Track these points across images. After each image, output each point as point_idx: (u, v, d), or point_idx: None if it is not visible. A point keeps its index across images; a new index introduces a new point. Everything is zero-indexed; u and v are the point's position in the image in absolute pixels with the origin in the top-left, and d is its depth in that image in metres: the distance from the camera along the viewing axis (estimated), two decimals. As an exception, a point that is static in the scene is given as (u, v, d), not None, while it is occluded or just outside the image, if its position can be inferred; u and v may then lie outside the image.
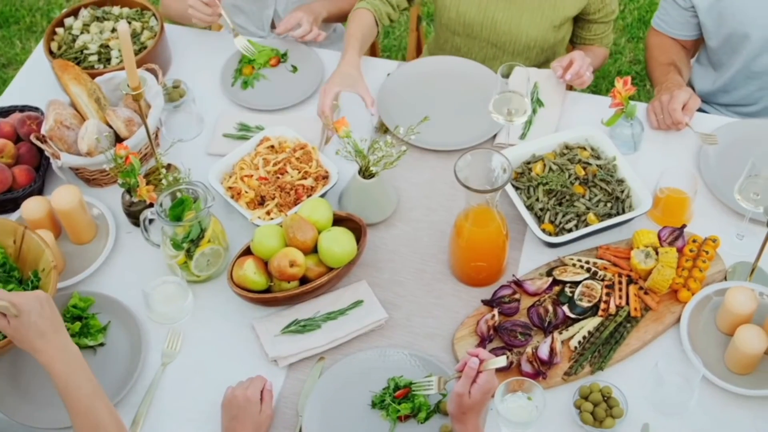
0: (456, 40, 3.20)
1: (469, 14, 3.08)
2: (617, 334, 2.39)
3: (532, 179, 2.63)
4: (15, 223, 2.47)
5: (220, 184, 2.65)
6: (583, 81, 2.88)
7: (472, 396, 2.05)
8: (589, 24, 3.16)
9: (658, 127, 2.85)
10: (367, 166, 2.53)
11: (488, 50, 3.17)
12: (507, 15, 3.04)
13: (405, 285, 2.53)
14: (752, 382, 2.32)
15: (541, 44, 3.10)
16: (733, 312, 2.34)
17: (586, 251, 2.57)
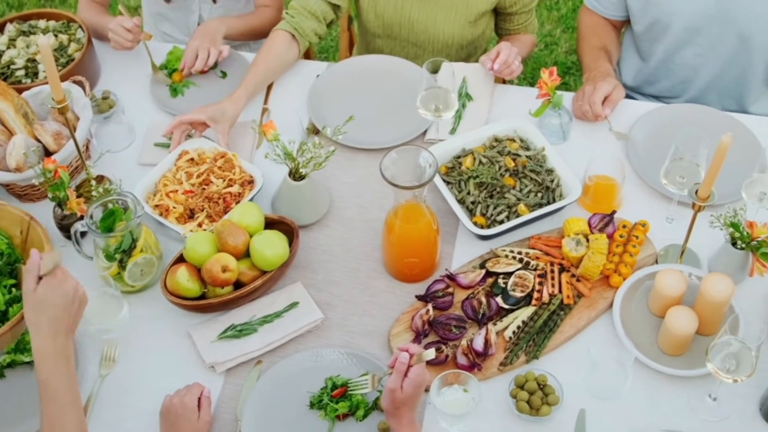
0: (378, 42, 3.22)
1: (386, 15, 3.10)
2: (551, 322, 2.41)
3: (462, 173, 2.65)
4: (22, 213, 2.46)
5: (146, 203, 2.64)
6: (512, 71, 2.90)
7: (404, 391, 2.06)
8: (511, 16, 3.19)
9: (580, 117, 2.87)
10: (297, 168, 2.54)
11: (409, 50, 3.19)
12: (423, 14, 3.07)
13: (340, 284, 2.54)
14: (685, 363, 2.35)
15: (458, 41, 3.12)
16: (664, 294, 2.37)
17: (519, 242, 2.59)
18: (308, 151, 2.52)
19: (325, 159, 2.52)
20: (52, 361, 2.02)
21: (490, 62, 2.89)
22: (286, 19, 3.03)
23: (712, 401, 2.29)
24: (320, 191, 2.65)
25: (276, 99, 2.98)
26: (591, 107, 2.82)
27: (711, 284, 2.32)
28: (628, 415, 2.28)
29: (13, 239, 2.48)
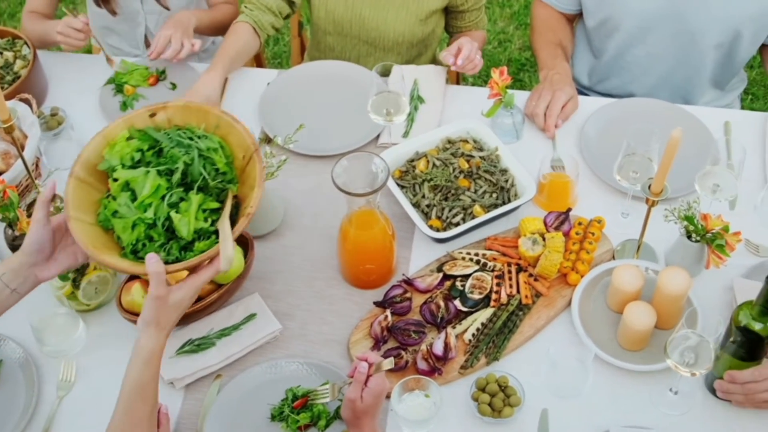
0: (329, 40, 3.21)
1: (337, 12, 3.10)
2: (510, 323, 2.40)
3: (416, 176, 2.64)
4: (250, 141, 2.12)
5: None
6: (475, 65, 2.90)
7: (364, 401, 2.05)
8: (462, 14, 3.19)
9: (530, 117, 2.88)
10: None
11: (360, 48, 3.18)
12: (374, 11, 3.06)
13: (297, 294, 2.52)
14: (645, 358, 2.35)
15: (409, 39, 3.11)
16: (621, 290, 2.38)
17: (475, 243, 2.58)
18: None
19: (277, 168, 2.50)
20: (157, 364, 1.98)
21: (453, 58, 2.87)
22: (245, 12, 3.05)
23: (673, 395, 2.29)
24: (274, 201, 2.63)
25: (227, 108, 2.95)
26: (546, 118, 2.85)
27: (667, 278, 2.32)
28: (590, 413, 2.28)
29: (236, 161, 2.15)
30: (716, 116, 2.93)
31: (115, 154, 2.06)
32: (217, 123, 2.13)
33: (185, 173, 2.03)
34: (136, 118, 2.13)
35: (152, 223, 2.00)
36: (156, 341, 1.97)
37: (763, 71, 4.87)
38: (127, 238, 2.02)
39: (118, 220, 2.02)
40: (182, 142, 2.06)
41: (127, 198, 2.01)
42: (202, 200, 2.02)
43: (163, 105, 2.14)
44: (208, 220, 2.03)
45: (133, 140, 2.09)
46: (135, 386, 1.96)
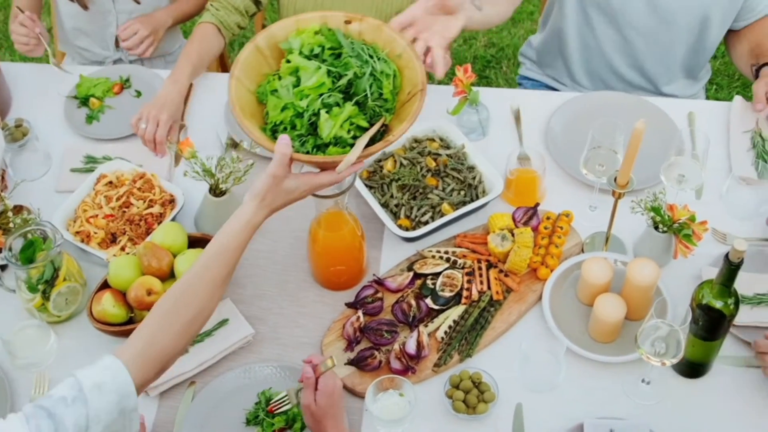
0: None
1: (306, 11, 3.07)
2: (482, 319, 2.41)
3: (384, 176, 2.64)
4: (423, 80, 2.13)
5: (66, 230, 2.60)
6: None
7: (318, 403, 2.06)
8: None
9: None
10: (217, 184, 2.52)
11: None
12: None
13: (269, 298, 2.52)
14: (616, 349, 2.37)
15: None
16: (591, 283, 2.39)
17: (445, 241, 2.59)
18: (227, 166, 2.50)
19: (244, 173, 2.50)
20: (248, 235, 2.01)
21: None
22: (211, 11, 3.03)
23: (645, 385, 2.31)
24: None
25: (193, 114, 2.95)
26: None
27: (636, 269, 2.34)
28: (564, 406, 2.29)
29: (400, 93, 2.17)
30: (680, 107, 2.95)
31: (299, 40, 2.13)
32: (401, 53, 2.16)
33: (351, 84, 2.08)
34: (331, 18, 2.19)
35: (301, 113, 2.05)
36: (255, 213, 2.00)
37: (727, 61, 4.90)
38: (274, 117, 2.08)
39: (273, 98, 2.09)
40: (362, 56, 2.10)
41: (290, 82, 2.08)
42: (354, 113, 2.06)
43: (360, 17, 2.19)
44: (351, 132, 2.06)
45: (320, 36, 2.15)
46: (220, 248, 1.97)
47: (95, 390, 1.75)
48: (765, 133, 2.85)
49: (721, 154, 2.82)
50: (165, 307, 1.92)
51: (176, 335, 1.90)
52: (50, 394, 1.74)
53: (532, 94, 3.09)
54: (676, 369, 2.34)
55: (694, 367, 2.32)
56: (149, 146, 2.75)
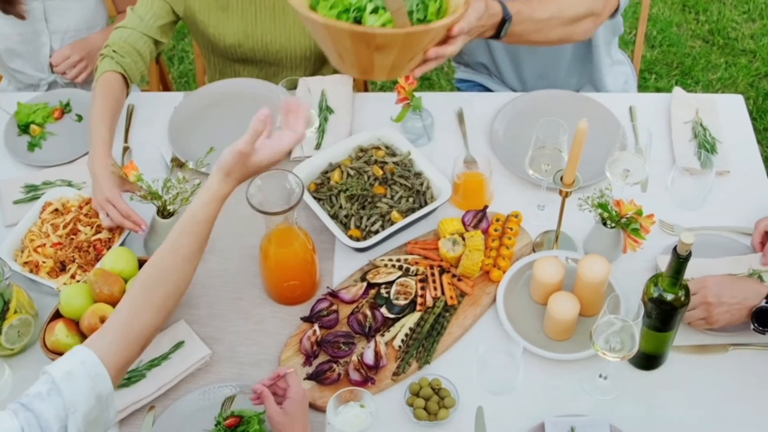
0: (235, 66, 3.18)
1: (237, 43, 3.07)
2: (438, 325, 2.42)
3: (332, 188, 2.64)
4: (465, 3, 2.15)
5: (14, 261, 2.57)
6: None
7: (288, 411, 2.07)
8: None
9: None
10: (165, 206, 2.50)
11: (267, 70, 3.16)
12: (275, 33, 3.04)
13: (224, 317, 2.51)
14: (572, 347, 2.39)
15: (316, 51, 3.10)
16: (543, 282, 2.41)
17: (397, 249, 2.59)
18: (173, 188, 2.49)
19: (191, 194, 2.49)
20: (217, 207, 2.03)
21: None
22: (114, 58, 2.82)
23: (603, 380, 2.33)
24: None
25: (136, 136, 2.93)
26: None
27: (587, 266, 2.36)
28: (525, 406, 2.31)
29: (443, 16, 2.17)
30: (621, 101, 2.98)
31: None
32: None
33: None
34: None
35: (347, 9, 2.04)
36: (221, 187, 2.01)
37: (665, 50, 4.96)
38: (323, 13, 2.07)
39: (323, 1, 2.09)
40: None
41: None
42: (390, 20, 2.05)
43: None
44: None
45: None
46: (188, 222, 1.98)
47: (66, 378, 1.76)
48: (705, 123, 2.89)
49: (664, 146, 2.85)
50: (140, 285, 1.93)
51: (154, 312, 1.92)
52: (27, 393, 1.75)
53: (475, 96, 3.10)
54: (633, 362, 2.36)
55: (649, 359, 2.35)
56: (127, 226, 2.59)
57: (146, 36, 2.91)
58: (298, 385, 2.10)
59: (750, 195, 2.73)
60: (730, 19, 5.07)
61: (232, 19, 3.03)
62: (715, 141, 2.84)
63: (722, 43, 4.95)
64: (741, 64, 4.84)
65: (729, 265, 2.49)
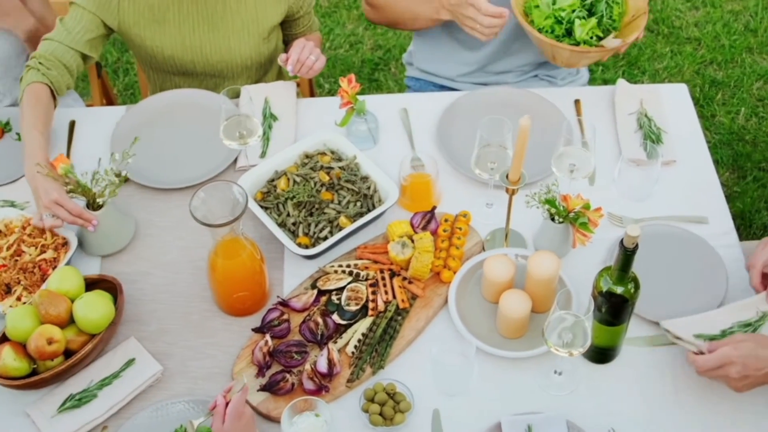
0: (175, 79, 3.15)
1: (176, 56, 3.04)
2: (390, 329, 2.41)
3: (278, 196, 2.62)
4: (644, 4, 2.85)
5: None
6: (310, 67, 2.89)
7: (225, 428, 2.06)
8: (296, 21, 3.17)
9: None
10: (94, 199, 2.50)
11: (208, 82, 3.13)
12: (214, 44, 3.01)
13: (174, 332, 2.47)
14: (526, 344, 2.38)
15: (257, 60, 3.08)
16: (494, 281, 2.40)
17: (346, 255, 2.58)
18: (102, 180, 2.50)
19: (118, 185, 2.52)
20: None
21: (283, 63, 2.89)
22: (41, 70, 2.77)
23: (558, 376, 2.33)
24: (122, 218, 2.63)
25: (79, 150, 2.88)
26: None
27: (536, 263, 2.35)
28: (481, 406, 2.30)
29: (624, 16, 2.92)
30: (566, 95, 2.98)
31: None
32: None
33: (593, 5, 2.83)
34: None
35: (560, 20, 2.81)
36: None
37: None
38: (539, 23, 2.83)
39: (537, 10, 2.83)
40: None
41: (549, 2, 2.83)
42: (594, 25, 2.80)
43: None
44: (592, 38, 2.81)
45: None
46: None
47: None
48: (650, 113, 2.89)
49: (610, 138, 2.86)
50: None
51: None
52: None
53: (421, 96, 3.09)
54: (587, 356, 2.36)
55: (603, 353, 2.35)
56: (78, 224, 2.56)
57: (73, 50, 2.87)
58: (237, 403, 2.08)
59: (697, 183, 2.74)
60: (674, 8, 5.10)
61: (169, 32, 2.99)
62: (661, 131, 2.85)
63: (667, 32, 4.97)
64: (686, 52, 4.86)
65: (737, 312, 2.38)
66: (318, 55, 2.88)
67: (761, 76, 4.73)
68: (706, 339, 2.29)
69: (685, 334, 2.29)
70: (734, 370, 2.16)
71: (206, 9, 2.97)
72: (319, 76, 4.63)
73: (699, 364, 2.20)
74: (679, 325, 2.32)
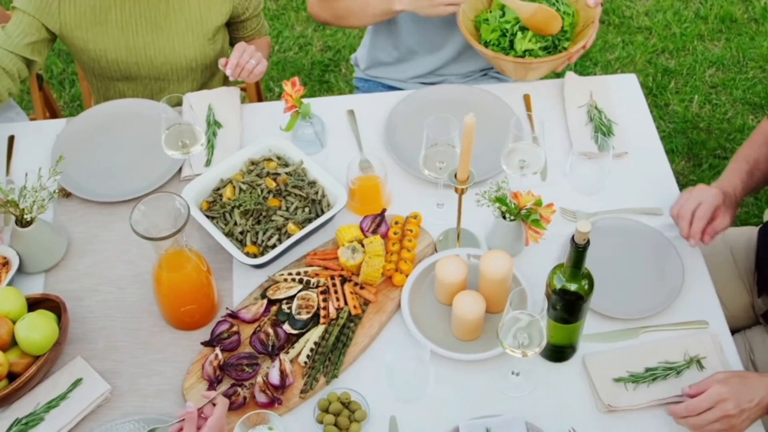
0: (118, 86, 3.09)
1: (120, 60, 2.98)
2: (343, 336, 2.36)
3: (225, 205, 2.56)
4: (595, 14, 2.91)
5: None
6: (249, 71, 2.84)
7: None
8: (243, 23, 3.12)
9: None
10: (22, 215, 2.45)
11: (153, 86, 3.07)
12: (158, 46, 2.96)
13: (123, 349, 2.41)
14: (482, 346, 2.34)
15: (202, 62, 3.03)
16: (447, 283, 2.36)
17: (296, 262, 2.52)
18: (29, 195, 2.45)
19: (47, 200, 2.46)
20: None
21: (223, 67, 2.85)
22: None
23: (516, 377, 2.29)
24: (53, 233, 2.56)
25: (19, 165, 2.81)
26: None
27: (488, 263, 2.31)
28: (438, 411, 2.26)
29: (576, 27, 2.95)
30: (515, 90, 2.95)
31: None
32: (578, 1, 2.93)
33: None
34: None
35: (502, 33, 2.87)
36: None
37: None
38: (486, 36, 2.89)
39: (485, 24, 2.90)
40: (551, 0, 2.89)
41: (498, 14, 2.88)
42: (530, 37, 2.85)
43: None
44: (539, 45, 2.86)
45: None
46: None
47: None
48: (600, 105, 2.86)
49: (560, 132, 2.83)
50: None
51: None
52: None
53: (368, 97, 3.04)
54: (544, 355, 2.32)
55: (560, 352, 2.31)
56: None
57: (12, 54, 2.82)
58: (216, 417, 2.03)
59: (650, 174, 2.72)
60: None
61: (111, 34, 2.94)
62: (612, 123, 2.82)
63: (618, 23, 4.96)
64: (638, 42, 4.85)
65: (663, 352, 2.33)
66: (259, 59, 2.83)
67: (713, 63, 4.72)
68: (627, 383, 2.27)
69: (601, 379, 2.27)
70: (730, 406, 2.11)
71: (149, 9, 2.92)
72: (268, 79, 4.58)
73: (691, 409, 2.14)
74: (600, 365, 2.30)
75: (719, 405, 2.12)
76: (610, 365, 2.29)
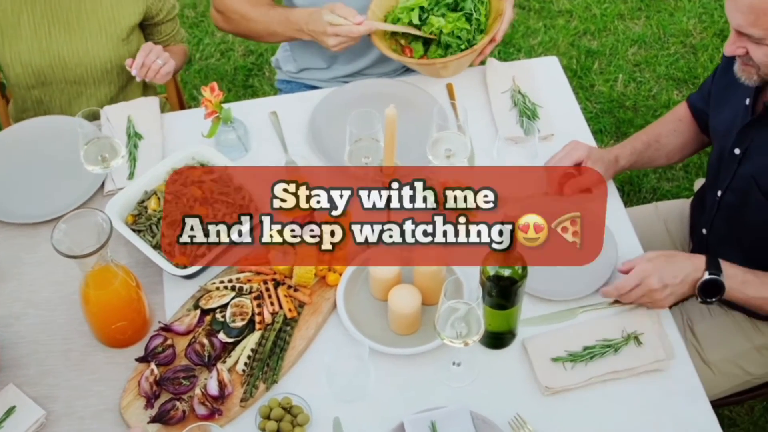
0: (34, 93, 3.03)
1: (34, 62, 2.93)
2: (280, 341, 2.32)
3: (150, 217, 2.51)
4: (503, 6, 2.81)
5: None
6: (156, 71, 2.83)
7: None
8: (157, 27, 3.09)
9: None
10: None
11: (69, 90, 3.03)
12: (71, 46, 2.92)
13: (56, 372, 2.35)
14: (421, 339, 2.32)
15: (117, 63, 2.99)
16: (381, 278, 2.34)
17: (228, 269, 2.48)
18: None
19: None
20: None
21: (129, 67, 2.83)
22: None
23: (457, 367, 2.27)
24: None
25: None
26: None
27: (421, 255, 2.29)
28: (382, 408, 2.24)
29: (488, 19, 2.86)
30: (437, 81, 2.93)
31: None
32: None
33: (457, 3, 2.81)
34: None
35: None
36: None
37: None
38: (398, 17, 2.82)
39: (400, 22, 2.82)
40: None
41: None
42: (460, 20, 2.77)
43: None
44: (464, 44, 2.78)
45: None
46: None
47: None
48: (524, 90, 2.86)
49: (485, 119, 2.82)
50: None
51: None
52: None
53: (290, 97, 3.01)
54: (484, 343, 2.31)
55: (499, 338, 2.30)
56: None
57: None
58: None
59: (577, 155, 2.71)
60: (543, -18, 5.10)
61: (24, 36, 2.91)
62: (536, 106, 2.82)
63: (538, 8, 4.97)
64: (559, 25, 4.86)
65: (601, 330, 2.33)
66: (166, 59, 2.81)
67: (635, 42, 4.75)
68: (565, 362, 2.27)
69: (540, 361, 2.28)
70: (654, 280, 2.27)
71: (61, 10, 2.89)
72: (192, 88, 4.52)
73: (620, 287, 2.30)
74: (540, 347, 2.29)
75: (645, 281, 2.29)
76: (548, 347, 2.29)
